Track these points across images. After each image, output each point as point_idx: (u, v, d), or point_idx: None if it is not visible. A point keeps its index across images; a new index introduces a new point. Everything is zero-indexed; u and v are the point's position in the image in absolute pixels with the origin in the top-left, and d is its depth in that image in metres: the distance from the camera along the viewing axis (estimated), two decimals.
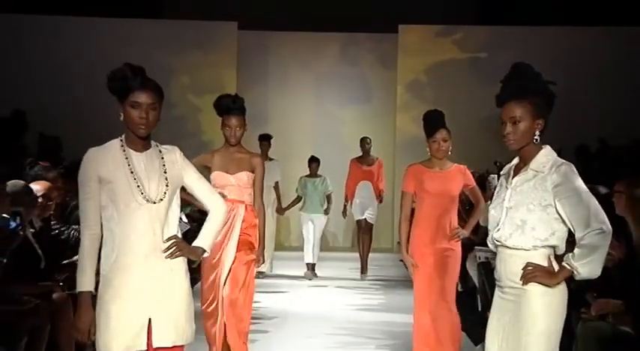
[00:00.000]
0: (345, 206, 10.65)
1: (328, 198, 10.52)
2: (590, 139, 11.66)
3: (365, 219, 10.53)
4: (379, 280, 10.44)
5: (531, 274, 3.23)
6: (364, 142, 10.68)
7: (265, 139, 10.45)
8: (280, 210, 10.57)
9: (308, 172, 10.66)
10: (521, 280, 3.24)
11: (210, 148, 7.18)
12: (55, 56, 13.49)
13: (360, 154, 10.72)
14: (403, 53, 14.04)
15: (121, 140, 3.33)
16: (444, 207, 5.27)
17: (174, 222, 3.32)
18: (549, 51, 13.10)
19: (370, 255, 10.80)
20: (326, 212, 10.51)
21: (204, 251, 3.39)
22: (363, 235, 10.60)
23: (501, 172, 3.46)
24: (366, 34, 14.42)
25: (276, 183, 10.36)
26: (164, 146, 3.39)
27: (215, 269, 5.17)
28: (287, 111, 14.63)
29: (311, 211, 10.45)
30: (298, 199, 10.59)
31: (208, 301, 5.17)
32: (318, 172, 10.59)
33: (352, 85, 14.63)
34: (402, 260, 5.73)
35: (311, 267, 10.48)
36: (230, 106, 5.39)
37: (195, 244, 3.38)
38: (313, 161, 10.62)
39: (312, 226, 10.42)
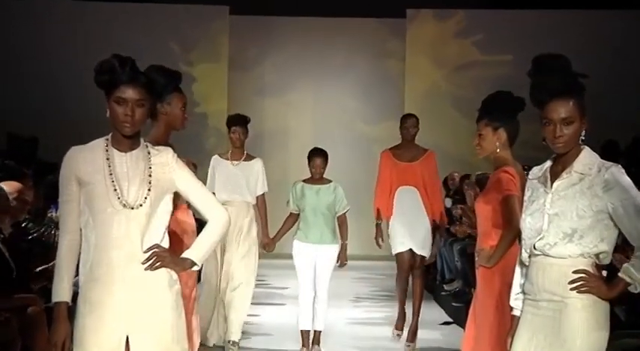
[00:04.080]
0: (377, 229, 7.34)
1: (340, 222, 6.88)
2: (617, 135, 11.49)
3: (412, 252, 7.23)
4: (385, 291, 10.38)
5: (584, 284, 3.13)
6: (407, 122, 7.29)
7: (236, 124, 7.05)
8: (268, 242, 7.04)
9: (307, 176, 6.96)
10: (572, 289, 3.13)
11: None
12: (41, 41, 13.47)
13: (397, 142, 7.43)
14: (412, 42, 13.96)
15: (107, 139, 3.30)
16: None
17: (158, 230, 3.27)
18: (563, 34, 12.95)
19: (374, 263, 10.45)
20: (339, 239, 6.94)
21: (194, 264, 3.33)
22: (414, 279, 7.25)
23: (530, 176, 3.38)
24: (370, 19, 14.34)
25: (261, 197, 7.11)
26: (157, 147, 3.36)
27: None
28: (284, 108, 14.57)
29: (312, 239, 6.75)
30: (292, 217, 6.91)
31: None
32: (325, 175, 6.89)
33: (359, 74, 14.51)
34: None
35: (314, 338, 6.87)
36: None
37: (184, 255, 3.33)
38: (317, 156, 6.78)
39: (310, 267, 6.77)
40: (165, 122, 4.23)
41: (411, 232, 7.23)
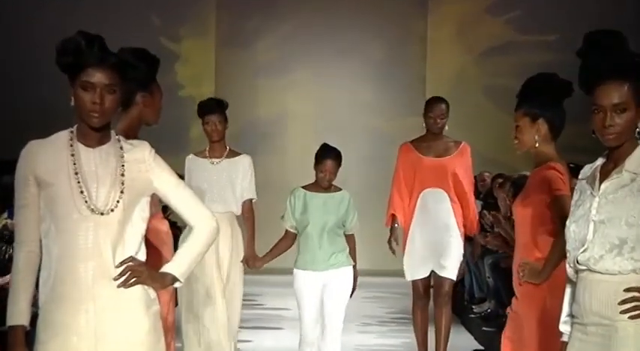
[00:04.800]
0: (392, 232, 7.06)
1: (350, 244, 6.43)
2: None
3: (434, 274, 6.96)
4: (401, 312, 10.39)
5: (638, 306, 3.11)
6: (434, 110, 6.99)
7: (208, 111, 6.72)
8: (253, 257, 6.72)
9: (308, 181, 6.50)
10: (622, 312, 3.12)
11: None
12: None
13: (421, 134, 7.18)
14: (436, 20, 13.96)
15: (71, 132, 3.30)
16: None
17: (133, 240, 3.28)
18: (618, 9, 12.93)
19: (387, 279, 10.36)
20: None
21: (175, 280, 3.33)
22: (437, 309, 6.95)
23: (580, 176, 3.37)
24: None
25: (248, 204, 6.79)
26: (130, 141, 3.36)
27: None
28: (281, 95, 14.56)
29: (319, 265, 6.28)
30: (288, 238, 6.44)
31: None
32: (332, 181, 6.39)
33: (372, 58, 14.49)
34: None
35: None
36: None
37: (164, 269, 3.33)
38: (328, 157, 6.31)
39: (318, 300, 6.29)
40: (140, 115, 4.26)
41: (435, 248, 6.84)
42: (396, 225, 7.02)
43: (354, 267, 6.39)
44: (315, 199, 6.30)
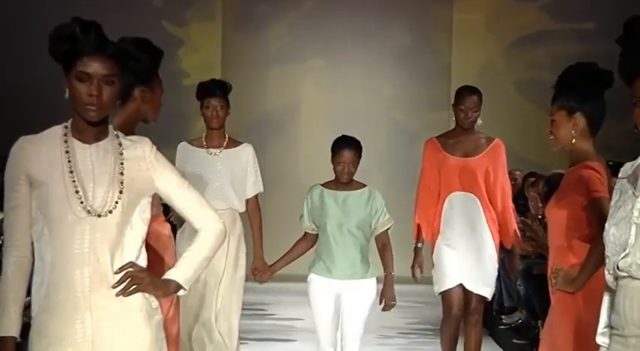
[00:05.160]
0: (416, 254, 6.77)
1: (382, 245, 6.21)
2: None
3: (464, 288, 6.69)
4: (425, 323, 10.38)
5: None
6: (465, 101, 6.71)
7: (209, 94, 6.57)
8: (262, 268, 6.52)
9: (323, 177, 6.34)
10: None
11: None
12: None
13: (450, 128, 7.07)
14: (462, 6, 13.94)
15: (66, 127, 3.32)
16: None
17: (133, 244, 3.29)
18: None
19: (410, 287, 10.13)
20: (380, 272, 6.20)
21: (180, 287, 3.33)
22: (466, 327, 6.78)
23: (620, 174, 3.37)
24: None
25: (254, 200, 6.72)
26: (130, 137, 3.38)
27: None
28: (295, 84, 14.55)
29: (338, 273, 6.08)
30: (307, 239, 6.27)
31: None
32: (352, 175, 6.15)
33: (393, 47, 14.48)
34: None
35: None
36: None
37: (167, 275, 3.34)
38: (345, 147, 6.10)
39: (334, 313, 6.10)
40: (137, 111, 4.28)
41: (465, 259, 6.58)
42: (420, 245, 6.71)
43: (391, 275, 6.09)
44: (333, 198, 6.07)
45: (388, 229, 6.13)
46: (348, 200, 6.07)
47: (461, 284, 6.60)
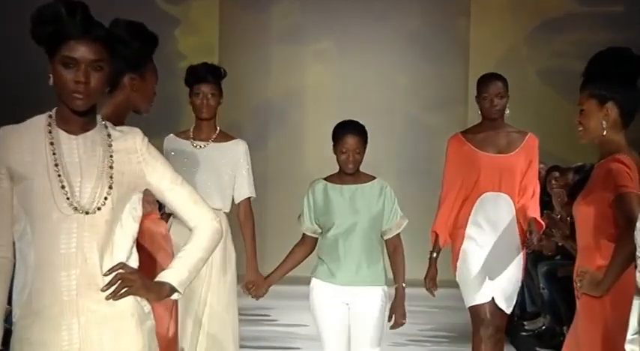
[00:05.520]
0: (431, 265, 6.63)
1: (392, 249, 6.01)
2: None
3: (492, 302, 6.45)
4: (442, 330, 10.38)
5: None
6: (489, 88, 6.53)
7: (200, 79, 6.39)
8: (258, 282, 6.25)
9: (331, 172, 6.03)
10: None
11: None
12: None
13: (475, 122, 6.77)
14: None
15: (50, 116, 3.33)
16: None
17: (123, 244, 3.31)
18: None
19: (423, 290, 10.14)
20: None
21: (174, 290, 3.35)
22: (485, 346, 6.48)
23: None
24: None
25: (245, 204, 6.47)
26: (119, 128, 3.39)
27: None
28: (300, 69, 14.54)
29: (343, 278, 5.84)
30: (306, 244, 6.02)
31: None
32: (360, 169, 5.92)
33: (409, 32, 14.46)
34: None
35: None
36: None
37: (160, 277, 3.35)
38: (349, 133, 5.83)
39: (341, 324, 5.86)
40: (127, 100, 4.27)
41: (494, 271, 6.38)
42: (435, 254, 6.54)
43: (402, 289, 5.86)
44: (339, 193, 5.81)
45: (400, 231, 5.86)
46: (356, 195, 5.81)
47: (492, 299, 6.37)
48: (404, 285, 5.88)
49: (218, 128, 6.42)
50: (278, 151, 13.75)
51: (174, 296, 3.38)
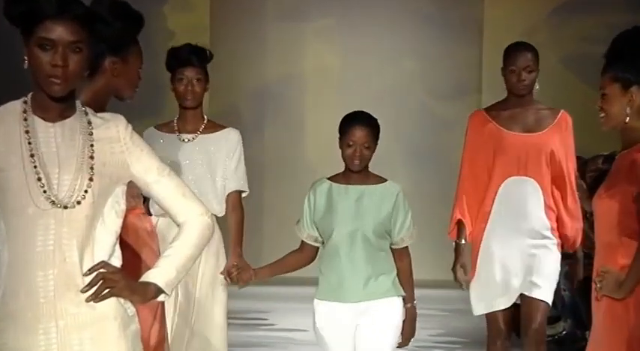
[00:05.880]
0: (458, 253, 6.45)
1: (398, 260, 5.67)
2: None
3: (523, 298, 6.34)
4: (450, 335, 10.44)
5: None
6: (517, 60, 6.37)
7: (184, 62, 6.20)
8: (240, 264, 5.87)
9: (333, 166, 5.96)
10: None
11: None
12: None
13: (501, 98, 6.56)
14: None
15: (25, 102, 3.34)
16: None
17: (105, 241, 3.32)
18: None
19: (432, 292, 10.10)
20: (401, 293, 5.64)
21: (161, 291, 3.36)
22: (525, 347, 6.39)
23: None
24: None
25: (234, 197, 6.29)
26: (101, 115, 3.40)
27: None
28: (300, 50, 14.55)
29: (349, 295, 5.55)
30: (304, 252, 5.73)
31: None
32: (369, 169, 5.65)
33: (417, 13, 14.49)
34: None
35: None
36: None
37: (146, 277, 3.36)
38: (357, 125, 5.57)
39: (346, 345, 5.59)
40: (107, 86, 4.27)
41: (523, 262, 6.22)
42: (463, 241, 6.34)
43: (413, 308, 5.61)
44: (344, 194, 5.54)
45: (408, 243, 5.63)
46: (364, 197, 5.54)
47: (514, 301, 6.24)
48: (415, 303, 5.60)
49: (206, 117, 6.26)
50: (274, 144, 13.75)
51: (161, 298, 3.38)
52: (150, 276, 3.36)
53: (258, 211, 12.15)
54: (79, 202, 3.26)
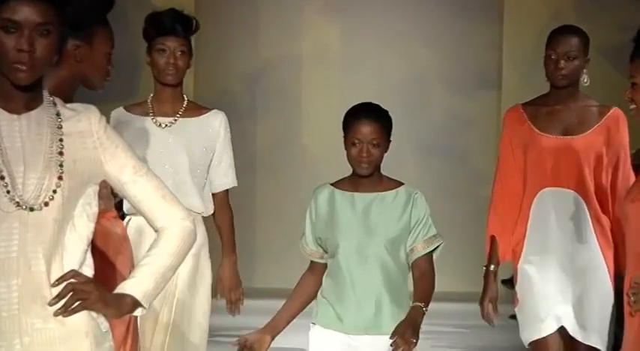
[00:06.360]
0: (488, 280, 6.16)
1: (418, 274, 5.35)
2: None
3: (565, 335, 6.04)
4: None
5: None
6: (558, 45, 6.08)
7: (165, 30, 5.93)
8: (232, 286, 6.17)
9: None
10: None
11: None
12: None
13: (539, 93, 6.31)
14: None
15: None
16: None
17: (75, 247, 3.34)
18: None
19: (447, 305, 10.27)
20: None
21: (137, 304, 3.37)
22: None
23: None
24: None
25: (222, 197, 6.15)
26: (71, 106, 3.42)
27: None
28: (293, 29, 14.58)
29: (350, 323, 5.28)
30: (314, 272, 5.46)
31: None
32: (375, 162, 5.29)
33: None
34: None
35: None
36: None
37: (121, 288, 3.38)
38: (364, 119, 5.27)
39: None
40: (72, 73, 4.27)
41: (566, 292, 5.98)
42: (493, 267, 6.11)
43: (421, 310, 5.19)
44: (349, 203, 5.29)
45: (434, 250, 5.31)
46: (373, 206, 5.28)
47: (561, 328, 5.95)
48: (425, 309, 5.19)
49: (186, 98, 6.03)
50: (269, 134, 13.76)
51: (138, 312, 3.40)
52: (125, 287, 3.37)
53: (250, 204, 12.14)
54: (46, 204, 3.28)
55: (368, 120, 5.23)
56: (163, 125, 5.92)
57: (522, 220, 6.07)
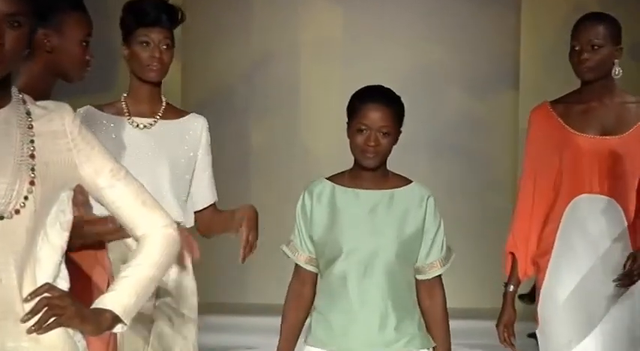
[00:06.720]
0: (506, 301, 5.98)
1: (430, 293, 5.20)
2: None
3: None
4: None
5: None
6: (582, 33, 5.89)
7: (149, 20, 5.67)
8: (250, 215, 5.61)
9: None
10: None
11: None
12: None
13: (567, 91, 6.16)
14: None
15: None
16: None
17: (49, 258, 3.36)
18: None
19: (462, 323, 10.38)
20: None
21: (118, 320, 3.39)
22: None
23: None
24: None
25: (209, 212, 5.95)
26: (42, 103, 3.44)
27: None
28: (288, 20, 14.63)
29: (354, 342, 5.06)
30: (303, 282, 5.25)
31: None
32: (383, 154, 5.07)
33: None
34: None
35: None
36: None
37: (100, 303, 3.39)
38: (370, 97, 5.09)
39: None
40: (44, 66, 4.26)
41: (600, 308, 5.85)
42: (512, 287, 5.98)
43: None
44: (352, 200, 5.05)
45: (442, 267, 5.16)
46: (381, 205, 5.06)
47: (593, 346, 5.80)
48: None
49: (164, 100, 5.82)
50: (265, 125, 13.77)
51: (118, 328, 3.41)
52: (105, 301, 3.39)
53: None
54: (17, 212, 3.29)
55: (378, 104, 4.99)
56: (141, 126, 5.72)
57: (551, 229, 5.91)
